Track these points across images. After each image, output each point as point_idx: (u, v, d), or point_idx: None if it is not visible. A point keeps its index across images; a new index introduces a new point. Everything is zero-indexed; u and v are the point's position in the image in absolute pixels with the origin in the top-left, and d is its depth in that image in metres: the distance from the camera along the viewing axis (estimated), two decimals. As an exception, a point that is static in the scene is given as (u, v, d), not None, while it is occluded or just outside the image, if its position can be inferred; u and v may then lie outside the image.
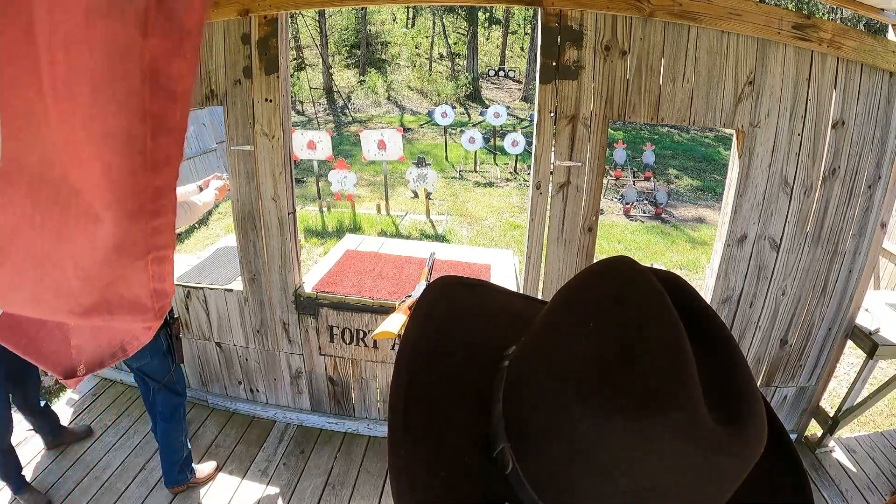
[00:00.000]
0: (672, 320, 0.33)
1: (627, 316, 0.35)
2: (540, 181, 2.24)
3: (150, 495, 2.46)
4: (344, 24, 19.28)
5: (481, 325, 0.50)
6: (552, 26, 2.05)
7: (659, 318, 0.34)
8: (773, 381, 2.69)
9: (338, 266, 3.03)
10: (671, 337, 0.33)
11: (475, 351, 0.46)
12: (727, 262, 2.39)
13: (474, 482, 0.37)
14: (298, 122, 14.42)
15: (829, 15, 12.83)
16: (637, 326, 0.34)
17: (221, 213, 7.48)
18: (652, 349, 0.33)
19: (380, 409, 2.90)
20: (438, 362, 0.44)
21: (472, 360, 0.45)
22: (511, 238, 6.89)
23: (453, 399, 0.42)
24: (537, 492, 0.35)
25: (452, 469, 0.38)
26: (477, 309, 0.51)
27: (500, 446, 0.38)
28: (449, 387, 0.43)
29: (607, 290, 0.37)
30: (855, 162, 2.21)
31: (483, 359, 0.45)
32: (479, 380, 0.43)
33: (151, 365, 2.25)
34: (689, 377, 0.31)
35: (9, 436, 2.30)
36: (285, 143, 2.39)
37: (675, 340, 0.32)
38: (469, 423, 0.41)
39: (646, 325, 0.34)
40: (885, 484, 2.66)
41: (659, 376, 0.31)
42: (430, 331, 0.46)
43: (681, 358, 0.32)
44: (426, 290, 0.51)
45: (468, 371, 0.44)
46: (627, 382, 0.32)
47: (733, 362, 0.35)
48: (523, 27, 21.02)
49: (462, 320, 0.49)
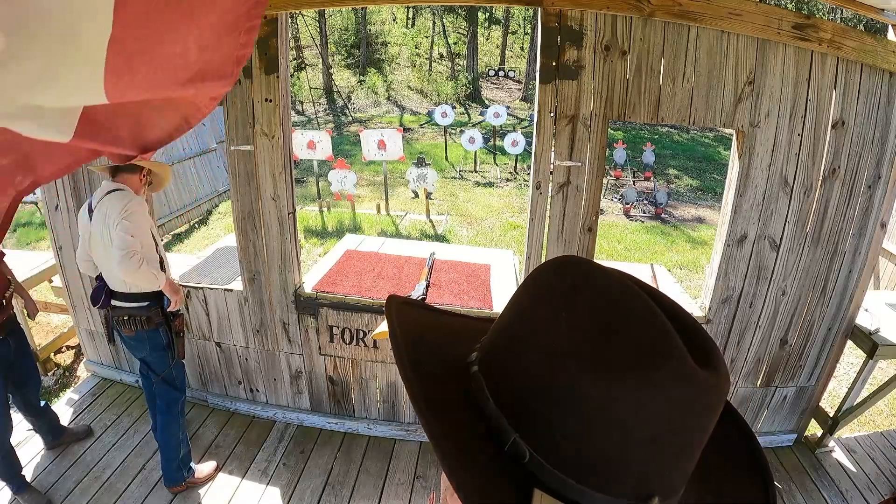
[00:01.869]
0: (637, 292, 0.39)
1: (594, 297, 0.40)
2: (540, 181, 2.24)
3: (150, 495, 2.46)
4: (344, 24, 19.28)
5: (438, 340, 0.52)
6: (552, 26, 2.05)
7: (624, 292, 0.39)
8: (773, 381, 2.69)
9: (338, 266, 3.03)
10: (643, 305, 0.38)
11: (441, 363, 0.48)
12: (727, 262, 2.39)
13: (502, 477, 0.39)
14: (298, 122, 14.41)
15: (829, 15, 12.83)
16: (607, 303, 0.39)
17: (221, 213, 7.48)
18: (629, 318, 0.38)
19: (380, 410, 2.90)
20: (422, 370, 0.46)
21: (442, 370, 0.47)
22: (511, 238, 6.89)
23: (448, 404, 0.44)
24: (559, 468, 0.37)
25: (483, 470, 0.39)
26: (430, 326, 0.55)
27: (510, 439, 0.39)
28: (440, 393, 0.44)
29: (566, 284, 0.42)
30: (855, 162, 2.21)
31: (451, 369, 0.47)
32: (453, 385, 0.45)
33: (152, 357, 2.30)
34: (670, 333, 0.37)
35: (9, 437, 2.30)
36: (285, 143, 2.39)
37: (648, 306, 0.38)
38: (464, 423, 0.42)
39: (614, 301, 0.39)
40: (885, 484, 2.66)
41: (648, 336, 0.37)
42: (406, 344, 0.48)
43: (658, 318, 0.37)
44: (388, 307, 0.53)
45: (443, 380, 0.46)
46: (622, 347, 0.36)
47: (685, 319, 0.40)
48: (523, 27, 21.01)
49: (423, 336, 0.52)
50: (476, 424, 0.42)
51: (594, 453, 0.37)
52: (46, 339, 3.68)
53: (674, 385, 0.36)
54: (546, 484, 0.38)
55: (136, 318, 2.20)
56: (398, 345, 0.47)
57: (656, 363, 0.35)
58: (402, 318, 0.51)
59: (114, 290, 2.19)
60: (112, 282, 2.18)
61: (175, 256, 3.61)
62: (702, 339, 0.40)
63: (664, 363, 0.35)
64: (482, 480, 0.38)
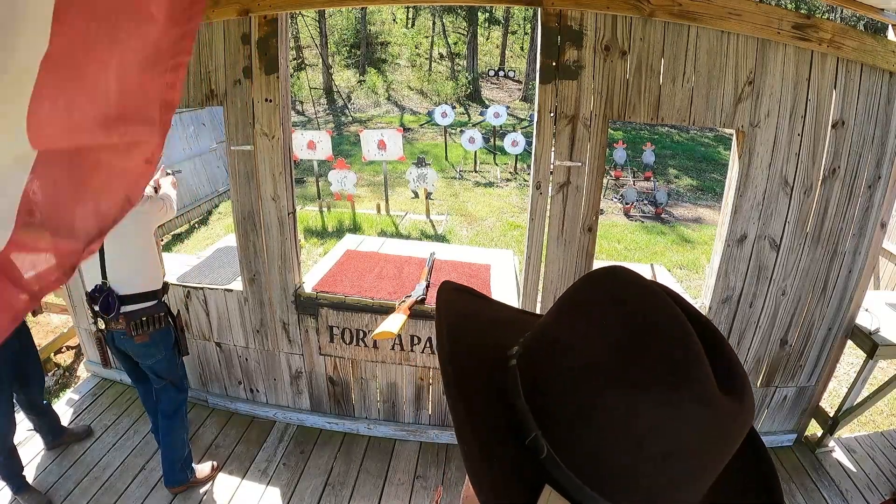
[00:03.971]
0: (674, 311, 0.40)
1: (631, 313, 0.41)
2: (540, 181, 2.24)
3: (150, 495, 2.46)
4: (344, 24, 19.27)
5: (482, 328, 0.56)
6: (552, 26, 2.05)
7: (661, 310, 0.40)
8: (773, 381, 2.69)
9: (338, 266, 3.03)
10: (678, 326, 0.39)
11: (480, 351, 0.51)
12: (727, 262, 2.39)
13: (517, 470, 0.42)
14: (298, 122, 14.41)
15: (829, 14, 12.83)
16: (643, 320, 0.40)
17: (221, 213, 7.48)
18: (662, 337, 0.39)
19: (380, 410, 2.90)
20: (457, 362, 0.49)
21: (480, 359, 0.50)
22: (511, 238, 6.89)
23: (479, 395, 0.47)
24: (573, 470, 0.40)
25: (500, 461, 0.42)
26: (476, 314, 0.58)
27: (532, 434, 0.42)
28: (472, 384, 0.47)
29: (607, 295, 0.44)
30: (855, 162, 2.21)
31: (488, 358, 0.50)
32: (490, 377, 0.48)
33: (162, 362, 2.27)
34: (699, 355, 0.38)
35: (12, 437, 2.31)
36: (285, 143, 2.39)
37: (682, 329, 0.39)
38: (492, 415, 0.45)
39: (650, 319, 0.40)
40: (885, 484, 2.66)
41: (676, 357, 0.38)
42: (447, 332, 0.52)
43: (689, 341, 0.38)
44: (439, 292, 0.57)
45: (479, 370, 0.49)
46: (651, 366, 0.38)
47: (723, 346, 0.41)
48: (523, 27, 21.01)
49: (467, 323, 0.55)
50: (503, 416, 0.45)
51: (608, 462, 0.39)
52: (46, 339, 3.68)
53: (692, 408, 0.37)
54: (558, 482, 0.40)
55: (153, 318, 2.15)
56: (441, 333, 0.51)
57: (678, 384, 0.37)
58: (449, 305, 0.55)
59: (123, 294, 2.09)
60: (122, 285, 2.08)
61: (175, 256, 3.61)
62: (733, 367, 0.40)
63: (686, 385, 0.37)
64: (498, 472, 0.41)
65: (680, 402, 0.37)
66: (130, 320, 2.11)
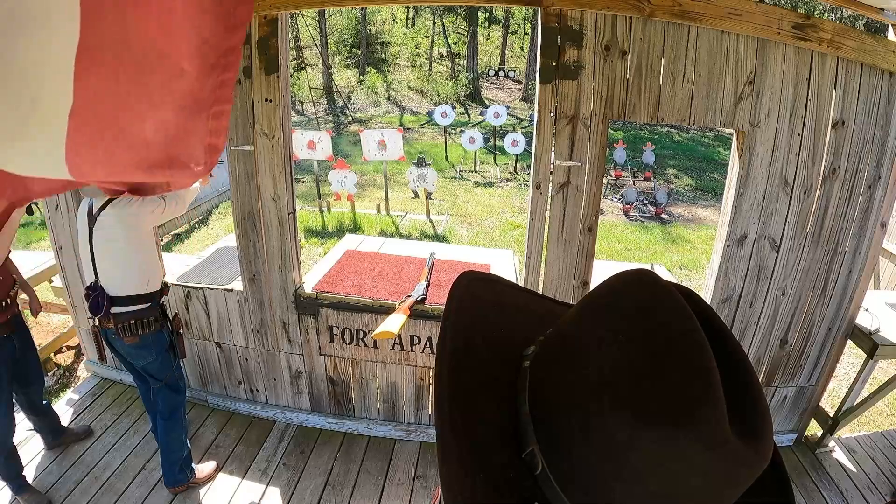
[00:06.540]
0: (699, 339, 0.36)
1: (655, 330, 0.37)
2: (540, 181, 2.24)
3: (150, 495, 2.46)
4: (344, 24, 19.28)
5: (500, 320, 0.52)
6: (552, 26, 2.05)
7: (686, 334, 0.36)
8: (773, 381, 2.69)
9: (338, 266, 3.03)
10: (699, 353, 0.35)
11: (496, 346, 0.48)
12: (727, 262, 2.39)
13: (507, 481, 0.39)
14: (298, 122, 14.41)
15: (829, 14, 12.82)
16: (666, 341, 0.36)
17: (221, 213, 7.48)
18: (681, 364, 0.35)
19: (380, 410, 2.90)
20: (467, 357, 0.46)
21: (494, 354, 0.47)
22: (511, 238, 6.89)
23: (483, 392, 0.44)
24: (566, 493, 0.38)
25: (488, 468, 0.40)
26: (495, 305, 0.54)
27: (529, 447, 0.40)
28: (478, 380, 0.45)
29: (634, 303, 0.40)
30: (855, 162, 2.21)
31: (503, 354, 0.47)
32: (501, 375, 0.45)
33: (155, 364, 2.25)
34: (716, 393, 0.34)
35: (12, 437, 2.30)
36: (285, 143, 2.39)
37: (703, 357, 0.35)
38: (496, 417, 0.43)
39: (674, 341, 0.36)
40: (885, 484, 2.66)
41: (689, 390, 0.34)
42: (460, 326, 0.48)
43: (708, 371, 0.34)
44: (454, 285, 0.53)
45: (491, 365, 0.46)
46: (660, 394, 0.35)
47: (748, 380, 0.38)
48: (523, 27, 21.01)
49: (483, 315, 0.51)
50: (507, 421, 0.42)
51: (603, 491, 0.37)
52: (46, 339, 3.68)
53: (697, 450, 0.34)
54: (548, 501, 0.38)
55: (143, 321, 2.11)
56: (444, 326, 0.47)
57: (685, 421, 0.33)
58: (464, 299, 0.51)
59: (113, 295, 2.07)
60: (112, 287, 2.08)
61: (175, 256, 3.61)
62: (754, 404, 0.37)
63: (692, 425, 0.33)
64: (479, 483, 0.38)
65: (685, 442, 0.33)
66: (119, 322, 2.09)
